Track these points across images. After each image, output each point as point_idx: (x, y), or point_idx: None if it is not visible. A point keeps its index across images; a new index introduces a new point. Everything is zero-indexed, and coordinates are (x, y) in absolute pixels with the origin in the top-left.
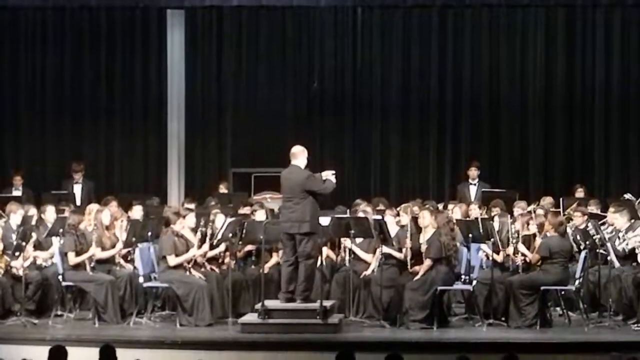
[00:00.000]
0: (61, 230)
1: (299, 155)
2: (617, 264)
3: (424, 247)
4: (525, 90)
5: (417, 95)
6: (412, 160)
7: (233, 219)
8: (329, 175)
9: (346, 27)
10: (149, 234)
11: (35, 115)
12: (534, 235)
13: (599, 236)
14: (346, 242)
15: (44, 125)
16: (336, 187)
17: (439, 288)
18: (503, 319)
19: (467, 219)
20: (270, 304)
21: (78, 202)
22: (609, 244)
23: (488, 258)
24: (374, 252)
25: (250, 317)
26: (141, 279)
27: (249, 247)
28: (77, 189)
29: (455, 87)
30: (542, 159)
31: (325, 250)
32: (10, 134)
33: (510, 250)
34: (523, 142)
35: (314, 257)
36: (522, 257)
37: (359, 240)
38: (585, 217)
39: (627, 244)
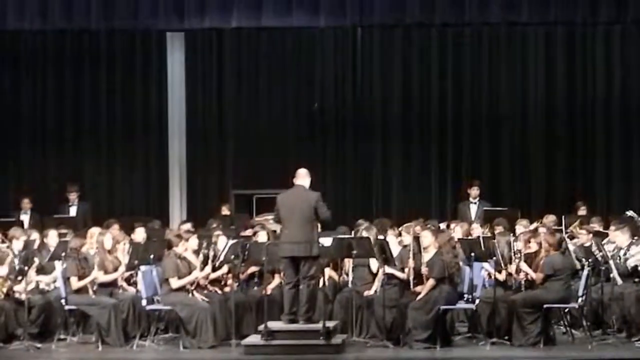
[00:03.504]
0: (63, 254)
1: (305, 177)
2: (619, 281)
3: (425, 267)
4: (526, 107)
5: (418, 114)
6: (413, 179)
7: (235, 240)
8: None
9: (346, 47)
10: (151, 256)
11: (37, 139)
12: (536, 253)
13: (601, 253)
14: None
15: (45, 148)
16: (338, 207)
17: (442, 307)
18: (506, 337)
19: (469, 237)
20: (273, 325)
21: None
22: (611, 261)
23: (490, 277)
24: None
25: (253, 339)
26: (144, 302)
27: (252, 269)
28: (73, 211)
29: (456, 106)
30: (543, 176)
31: (328, 271)
32: (11, 157)
33: (512, 268)
34: (524, 159)
35: (317, 278)
36: (525, 275)
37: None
38: (590, 235)
39: (630, 261)
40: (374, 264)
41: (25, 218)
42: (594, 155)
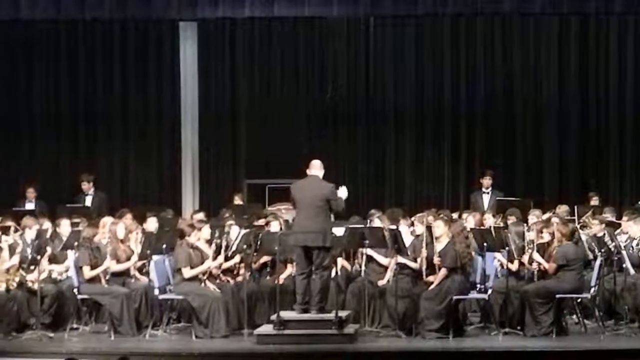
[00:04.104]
0: (76, 243)
1: (319, 168)
2: (632, 271)
3: (438, 257)
4: (539, 98)
5: (431, 104)
6: (426, 169)
7: (247, 230)
8: (343, 191)
9: (359, 36)
10: (164, 246)
11: (50, 128)
12: (549, 243)
13: (613, 244)
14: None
15: (58, 138)
16: (351, 197)
17: (455, 297)
18: (519, 327)
19: (482, 227)
20: (286, 314)
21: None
22: (624, 252)
23: (503, 267)
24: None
25: (266, 328)
26: (156, 291)
27: (264, 259)
28: (88, 201)
29: (469, 96)
30: (556, 166)
31: (340, 261)
32: (24, 147)
33: (525, 258)
34: (537, 150)
35: (329, 268)
36: (537, 266)
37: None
38: (603, 225)
39: None
40: (381, 258)
41: (30, 207)
42: (607, 146)
